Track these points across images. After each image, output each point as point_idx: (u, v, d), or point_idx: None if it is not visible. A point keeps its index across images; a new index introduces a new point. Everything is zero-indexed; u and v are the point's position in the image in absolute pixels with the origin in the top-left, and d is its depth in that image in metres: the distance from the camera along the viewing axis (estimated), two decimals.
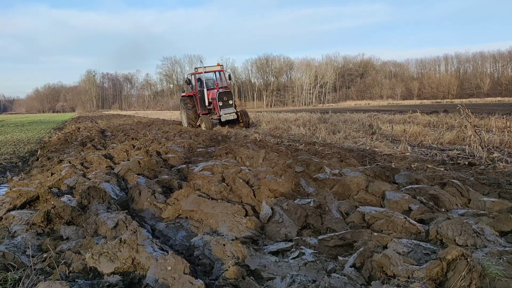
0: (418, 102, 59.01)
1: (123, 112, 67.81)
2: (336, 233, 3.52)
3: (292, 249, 3.39)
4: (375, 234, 3.38)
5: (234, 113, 18.33)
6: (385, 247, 3.12)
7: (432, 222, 3.62)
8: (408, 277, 2.53)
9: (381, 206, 4.47)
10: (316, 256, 3.10)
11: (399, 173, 5.79)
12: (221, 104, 18.00)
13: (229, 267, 2.86)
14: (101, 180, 5.64)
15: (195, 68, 19.21)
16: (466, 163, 7.38)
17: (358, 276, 2.67)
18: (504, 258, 2.72)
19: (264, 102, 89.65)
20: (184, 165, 7.21)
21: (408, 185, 5.12)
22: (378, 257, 2.73)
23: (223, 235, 3.81)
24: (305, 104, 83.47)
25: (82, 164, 7.86)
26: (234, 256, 3.12)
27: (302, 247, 3.39)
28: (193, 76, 19.49)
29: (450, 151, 8.62)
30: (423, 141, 10.26)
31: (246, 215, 4.26)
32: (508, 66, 75.49)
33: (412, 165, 7.48)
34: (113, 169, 7.16)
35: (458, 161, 7.58)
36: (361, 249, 2.94)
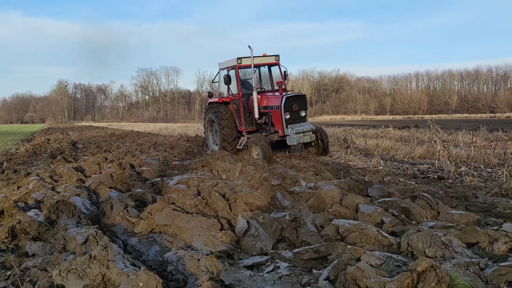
0: (390, 117, 60.54)
1: (96, 124, 66.52)
2: (311, 246, 3.55)
3: (267, 263, 3.39)
4: (349, 247, 3.43)
5: (311, 132, 10.60)
6: (359, 259, 3.17)
7: (403, 234, 3.70)
8: None
9: (355, 219, 4.53)
10: (291, 270, 3.11)
11: (372, 186, 5.91)
12: (288, 116, 10.38)
13: (203, 282, 2.83)
14: (71, 194, 5.49)
15: (239, 59, 11.21)
16: (436, 177, 7.59)
17: None
18: (471, 269, 2.81)
19: None
20: (158, 179, 7.12)
21: (380, 198, 5.23)
22: (351, 269, 2.76)
23: (197, 250, 3.77)
24: None
25: (51, 177, 7.63)
26: (208, 271, 3.09)
27: (277, 260, 3.39)
28: (234, 70, 11.55)
29: (420, 165, 8.86)
30: (395, 155, 10.51)
31: (222, 229, 4.24)
32: (474, 84, 78.70)
33: (385, 179, 7.64)
34: (84, 182, 7.00)
35: (428, 175, 7.79)
36: (335, 262, 2.97)
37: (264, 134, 11.11)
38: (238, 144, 11.45)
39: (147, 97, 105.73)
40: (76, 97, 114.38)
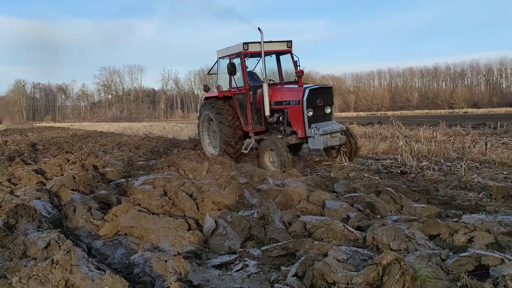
0: (354, 114, 61.95)
1: (57, 124, 64.14)
2: (279, 243, 3.56)
3: (236, 262, 3.38)
4: (316, 242, 3.47)
5: (339, 133, 8.71)
6: (326, 255, 3.21)
7: (368, 228, 3.79)
8: (347, 283, 2.61)
9: (322, 215, 4.60)
10: (259, 268, 3.12)
11: (338, 182, 6.02)
12: (311, 113, 8.43)
13: (170, 283, 2.78)
14: (31, 197, 5.27)
15: (245, 44, 9.21)
16: (399, 171, 7.83)
17: (300, 285, 2.72)
18: (433, 260, 2.91)
19: None
20: (123, 179, 6.96)
21: (346, 194, 5.33)
22: (319, 265, 2.79)
23: (164, 251, 3.71)
24: None
25: (9, 180, 7.28)
26: (176, 272, 3.04)
27: (246, 259, 3.39)
28: (239, 58, 9.56)
29: (384, 161, 9.12)
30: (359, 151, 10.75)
31: (189, 229, 4.19)
32: (433, 81, 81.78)
33: (350, 174, 7.80)
34: (44, 185, 6.73)
35: (392, 170, 8.03)
36: (302, 258, 2.99)
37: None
38: (244, 147, 9.58)
39: (110, 96, 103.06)
40: (35, 97, 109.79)
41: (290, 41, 9.96)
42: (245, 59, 9.46)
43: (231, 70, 9.25)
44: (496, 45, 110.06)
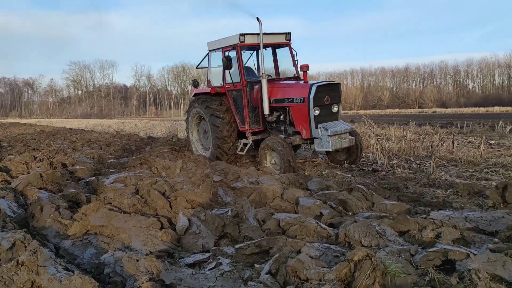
0: None
1: (23, 120, 61.86)
2: (253, 241, 3.57)
3: (209, 260, 3.36)
4: (290, 240, 3.50)
5: (348, 134, 8.06)
6: (299, 252, 3.24)
7: (341, 225, 3.85)
8: (320, 280, 2.64)
9: (295, 212, 4.63)
10: (233, 266, 3.11)
11: (312, 180, 6.08)
12: (317, 112, 7.77)
13: (142, 283, 2.73)
14: None
15: (242, 36, 8.49)
16: (370, 169, 7.98)
17: (274, 282, 2.73)
18: (403, 256, 2.98)
19: (182, 111, 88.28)
20: (93, 178, 6.79)
21: (319, 191, 5.39)
22: (292, 262, 2.81)
23: (136, 250, 3.65)
24: None
25: None
26: (148, 271, 3.00)
27: (219, 257, 3.37)
28: (235, 50, 8.73)
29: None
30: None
31: (162, 228, 4.14)
32: (404, 81, 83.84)
33: (323, 172, 7.90)
34: (9, 183, 6.47)
35: (363, 168, 8.18)
36: (276, 256, 3.00)
37: (266, 133, 8.73)
38: (239, 148, 9.00)
39: (80, 92, 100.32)
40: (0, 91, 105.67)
41: (289, 33, 9.22)
42: (241, 52, 8.71)
43: (227, 64, 8.44)
44: (463, 47, 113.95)
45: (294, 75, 9.36)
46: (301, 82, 8.41)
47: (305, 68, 8.09)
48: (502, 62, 66.47)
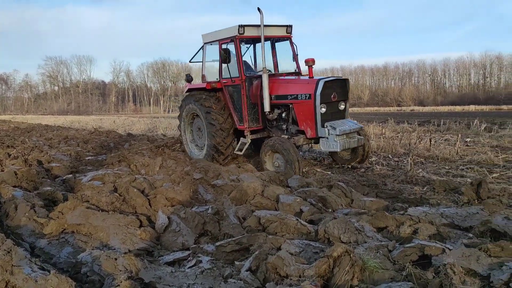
0: None
1: None
2: (233, 238, 3.57)
3: (189, 258, 3.35)
4: (270, 236, 3.51)
5: (356, 133, 7.61)
6: (279, 248, 3.25)
7: (320, 222, 3.88)
8: (300, 276, 2.66)
9: (276, 209, 4.65)
10: (213, 263, 3.10)
11: (292, 177, 6.11)
12: (324, 110, 7.28)
13: (121, 282, 2.69)
14: None
15: (241, 27, 7.91)
16: (350, 166, 8.08)
17: (254, 279, 2.73)
18: (381, 252, 3.03)
19: (162, 107, 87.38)
20: (70, 175, 6.65)
21: (300, 188, 5.42)
22: (272, 259, 2.82)
23: (114, 249, 3.60)
24: None
25: None
26: (127, 270, 2.96)
27: (199, 255, 3.36)
28: (233, 43, 8.15)
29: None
30: (313, 147, 10.98)
31: (141, 226, 4.10)
32: (383, 79, 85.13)
33: (304, 170, 7.94)
34: None
35: (343, 165, 8.26)
36: (256, 253, 3.01)
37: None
38: (237, 148, 8.37)
39: (56, 88, 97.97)
40: None
41: (290, 26, 8.63)
42: (240, 45, 8.17)
43: (225, 57, 7.82)
44: (441, 47, 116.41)
45: (295, 70, 8.81)
46: (305, 77, 7.95)
47: (310, 62, 7.46)
48: (477, 61, 68.24)
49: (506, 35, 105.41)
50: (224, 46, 8.07)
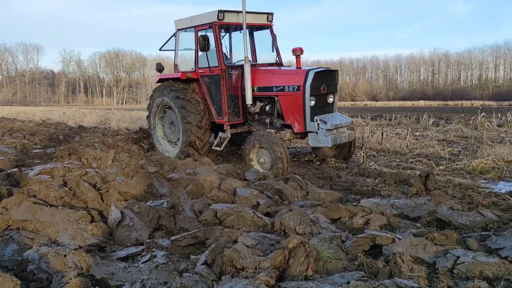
0: None
1: None
2: (189, 232, 3.53)
3: (143, 253, 3.27)
4: (226, 230, 3.50)
5: (346, 128, 7.26)
6: (235, 241, 3.25)
7: (277, 214, 3.92)
8: (256, 268, 2.68)
9: (233, 202, 4.65)
10: (168, 258, 3.05)
11: (249, 170, 6.12)
12: (313, 103, 6.88)
13: (70, 279, 2.59)
14: None
15: (220, 13, 7.39)
16: (306, 159, 8.22)
17: (209, 273, 2.71)
18: (334, 242, 3.11)
19: (115, 99, 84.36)
20: (15, 169, 6.26)
21: (257, 181, 5.45)
22: (228, 252, 2.81)
23: (64, 245, 3.46)
24: None
25: None
26: (77, 266, 2.85)
27: (154, 249, 3.30)
28: (212, 29, 7.55)
29: (292, 149, 9.51)
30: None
31: (92, 221, 3.96)
32: (341, 74, 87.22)
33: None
34: None
35: (299, 158, 8.40)
36: (212, 246, 2.99)
37: (249, 126, 7.67)
38: (215, 143, 7.80)
39: (0, 77, 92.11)
40: None
41: (271, 14, 8.09)
42: (221, 30, 7.67)
43: (205, 44, 7.15)
44: (393, 44, 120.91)
45: (276, 61, 8.30)
46: (291, 68, 7.60)
47: (298, 51, 6.97)
48: (427, 59, 71.32)
49: (453, 34, 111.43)
50: (201, 33, 7.45)
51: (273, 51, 8.33)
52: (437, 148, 8.66)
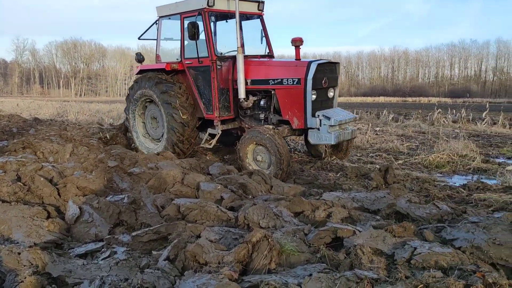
0: None
1: None
2: (151, 228, 3.46)
3: (103, 249, 3.18)
4: (190, 225, 3.46)
5: (348, 124, 6.76)
6: (199, 236, 3.23)
7: (241, 208, 3.92)
8: (219, 263, 2.66)
9: (196, 197, 4.60)
10: (129, 254, 2.97)
11: (213, 164, 6.09)
12: (314, 97, 6.35)
13: (25, 278, 2.47)
14: None
15: None
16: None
17: (172, 268, 2.67)
18: (297, 235, 3.15)
19: (73, 91, 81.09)
20: None
21: (221, 176, 5.42)
22: (191, 247, 2.78)
23: (18, 243, 3.29)
24: (120, 95, 79.04)
25: None
26: (32, 264, 2.72)
27: (114, 245, 3.21)
28: (202, 16, 6.96)
29: None
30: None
31: (49, 217, 3.80)
32: None
33: (225, 157, 7.96)
34: None
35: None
36: (175, 241, 2.95)
37: (242, 122, 7.19)
38: (204, 140, 7.32)
39: None
40: None
41: (263, 2, 7.54)
42: (212, 17, 7.09)
43: (194, 32, 6.55)
44: (355, 41, 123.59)
45: (267, 52, 7.80)
46: (289, 59, 6.90)
47: (298, 42, 6.42)
48: (387, 56, 73.50)
49: (412, 32, 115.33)
50: (190, 20, 6.84)
51: (262, 42, 7.82)
52: (396, 143, 8.96)
